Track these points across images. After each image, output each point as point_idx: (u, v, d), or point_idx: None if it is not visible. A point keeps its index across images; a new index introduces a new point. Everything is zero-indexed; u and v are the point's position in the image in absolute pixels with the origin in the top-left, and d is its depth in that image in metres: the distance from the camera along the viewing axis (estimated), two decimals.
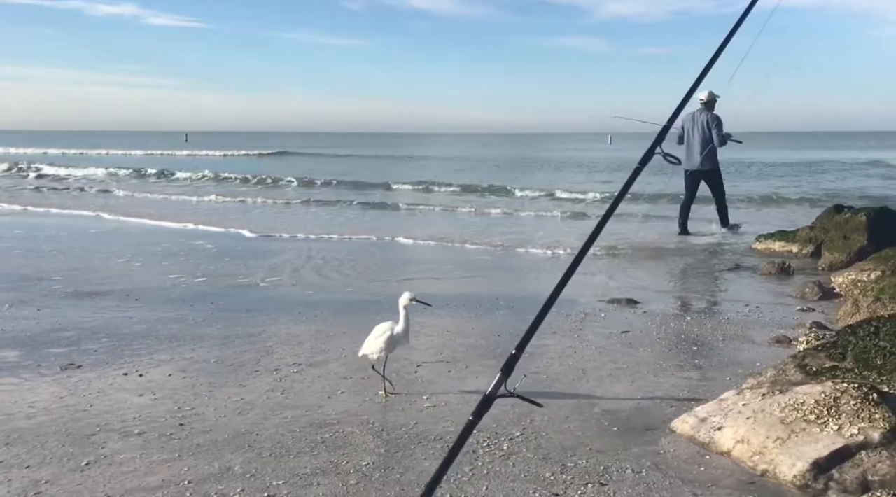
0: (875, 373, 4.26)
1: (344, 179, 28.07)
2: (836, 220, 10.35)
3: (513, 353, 1.33)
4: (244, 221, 15.38)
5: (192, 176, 31.41)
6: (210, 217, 16.37)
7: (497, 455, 3.96)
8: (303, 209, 19.35)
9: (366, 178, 29.01)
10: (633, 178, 1.80)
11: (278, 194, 23.50)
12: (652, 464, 3.83)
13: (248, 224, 14.81)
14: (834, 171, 32.73)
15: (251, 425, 4.36)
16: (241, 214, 17.52)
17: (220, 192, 24.10)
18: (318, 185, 27.06)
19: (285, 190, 26.02)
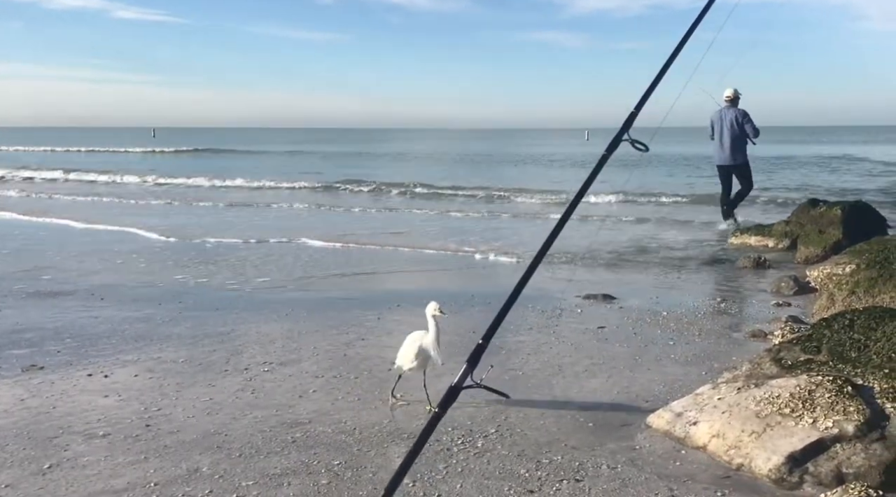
0: (849, 365, 4.31)
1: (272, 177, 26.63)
2: (812, 215, 10.49)
3: (479, 343, 1.32)
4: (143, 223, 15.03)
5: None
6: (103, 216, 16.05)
7: (472, 452, 3.96)
8: (231, 211, 19.21)
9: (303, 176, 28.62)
10: (600, 165, 1.80)
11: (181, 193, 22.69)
12: (627, 459, 3.86)
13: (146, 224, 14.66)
14: (808, 165, 33.17)
15: (220, 426, 4.32)
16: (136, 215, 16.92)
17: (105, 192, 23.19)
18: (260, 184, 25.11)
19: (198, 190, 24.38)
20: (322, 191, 23.25)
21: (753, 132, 12.05)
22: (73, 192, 22.67)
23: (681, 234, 12.71)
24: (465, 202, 19.13)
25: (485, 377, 1.33)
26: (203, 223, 15.00)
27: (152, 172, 29.88)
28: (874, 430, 3.77)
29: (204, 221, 15.37)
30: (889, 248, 7.06)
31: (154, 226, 14.05)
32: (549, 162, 39.25)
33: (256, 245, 11.82)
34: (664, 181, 23.89)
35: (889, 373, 4.12)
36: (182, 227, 14.03)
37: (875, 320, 4.64)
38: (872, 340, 4.47)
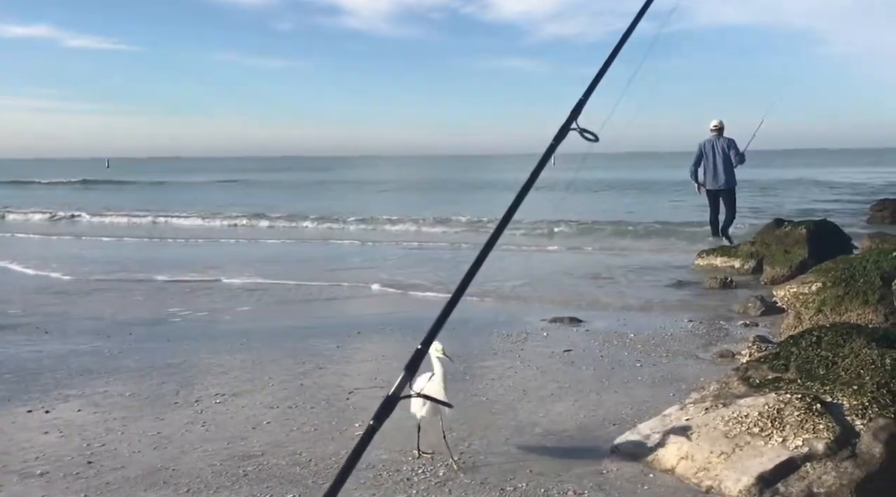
0: (818, 383, 4.30)
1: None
2: (777, 234, 10.63)
3: (418, 349, 1.25)
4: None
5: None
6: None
7: (433, 482, 3.87)
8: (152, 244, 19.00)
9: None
10: (547, 155, 1.75)
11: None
12: (595, 484, 3.79)
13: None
14: (769, 188, 33.79)
15: (168, 460, 4.16)
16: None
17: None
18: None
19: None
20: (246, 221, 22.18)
21: (739, 159, 13.38)
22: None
23: (645, 256, 12.81)
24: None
25: (425, 387, 1.25)
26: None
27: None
28: (844, 448, 3.75)
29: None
30: (855, 266, 7.14)
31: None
32: (506, 188, 39.44)
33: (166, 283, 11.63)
34: (615, 207, 24.15)
35: (858, 389, 4.12)
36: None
37: (842, 337, 4.66)
38: (840, 357, 4.47)
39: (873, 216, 17.05)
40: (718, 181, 13.42)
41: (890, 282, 6.57)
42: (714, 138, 13.46)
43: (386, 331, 7.39)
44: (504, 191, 35.72)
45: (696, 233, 15.29)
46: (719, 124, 13.53)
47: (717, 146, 13.39)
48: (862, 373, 4.27)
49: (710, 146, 13.45)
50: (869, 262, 6.99)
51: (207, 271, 11.76)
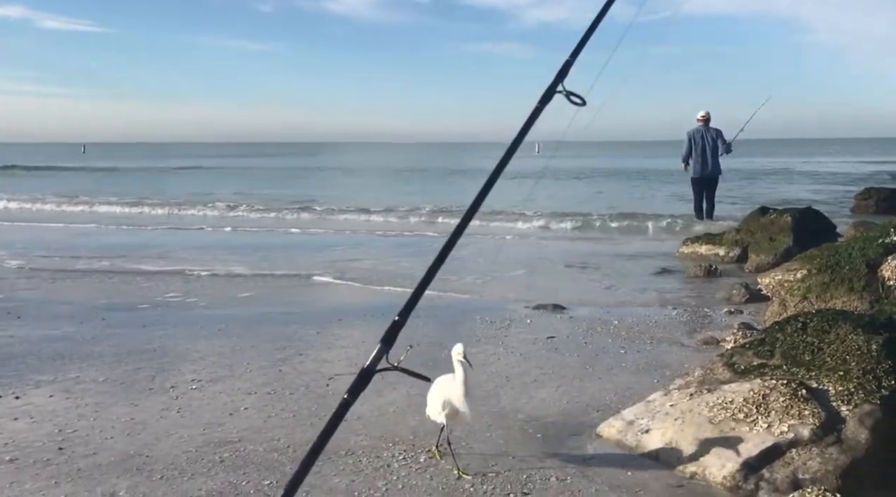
0: (803, 369, 4.30)
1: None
2: (762, 222, 10.66)
3: (395, 320, 1.20)
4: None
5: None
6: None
7: (413, 468, 3.83)
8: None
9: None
10: (532, 118, 1.69)
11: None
12: (577, 470, 3.77)
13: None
14: (752, 178, 33.96)
15: (141, 447, 4.10)
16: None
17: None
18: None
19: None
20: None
21: (726, 148, 14.17)
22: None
23: (629, 244, 12.82)
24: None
25: (402, 359, 1.20)
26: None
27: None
28: (830, 433, 3.75)
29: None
30: (840, 253, 7.17)
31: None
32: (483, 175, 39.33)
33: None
34: (592, 196, 24.17)
35: (844, 375, 4.12)
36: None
37: (828, 323, 4.65)
38: (826, 343, 4.47)
39: (858, 205, 17.16)
40: (707, 170, 14.16)
41: (875, 269, 6.60)
42: (702, 128, 14.19)
43: (367, 317, 7.34)
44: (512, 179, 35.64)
45: (676, 221, 15.38)
46: (706, 115, 14.25)
47: (707, 136, 14.11)
48: (848, 359, 4.27)
49: (700, 136, 14.15)
50: (854, 249, 7.02)
51: (184, 260, 11.64)
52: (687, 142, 14.20)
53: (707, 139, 14.11)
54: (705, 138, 14.13)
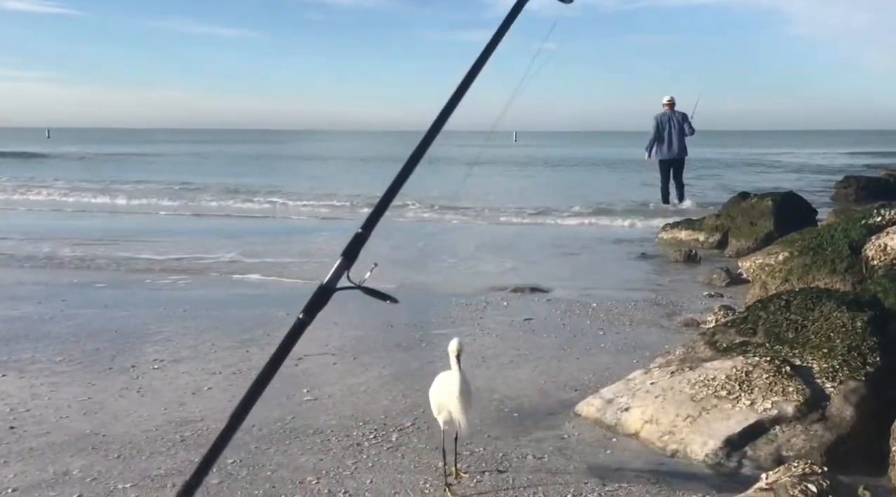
0: (787, 347, 4.26)
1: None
2: (743, 207, 10.66)
3: (358, 233, 1.10)
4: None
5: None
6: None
7: (384, 447, 3.74)
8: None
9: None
10: (510, 18, 1.55)
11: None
12: (555, 449, 3.69)
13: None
14: (731, 167, 34.16)
15: (98, 426, 3.97)
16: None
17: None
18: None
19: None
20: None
21: (690, 130, 15.08)
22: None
23: (607, 230, 12.80)
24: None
25: (367, 278, 1.10)
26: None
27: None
28: (814, 410, 3.71)
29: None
30: (822, 235, 7.16)
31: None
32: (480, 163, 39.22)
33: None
34: (569, 184, 24.17)
35: (828, 352, 4.08)
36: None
37: (812, 300, 4.61)
38: (810, 320, 4.43)
39: (838, 193, 17.29)
40: (673, 151, 15.00)
41: (858, 251, 6.59)
42: (668, 112, 15.06)
43: (339, 299, 7.20)
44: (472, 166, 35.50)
45: (652, 209, 15.45)
46: (671, 100, 15.15)
47: (673, 119, 14.97)
48: (832, 336, 4.23)
49: (667, 119, 15.00)
50: (837, 230, 7.01)
51: (149, 244, 11.43)
52: (655, 126, 14.96)
53: (673, 122, 14.95)
54: (671, 121, 14.96)
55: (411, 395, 4.49)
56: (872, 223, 6.78)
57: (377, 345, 5.63)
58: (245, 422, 4.07)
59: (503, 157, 43.18)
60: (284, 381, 4.74)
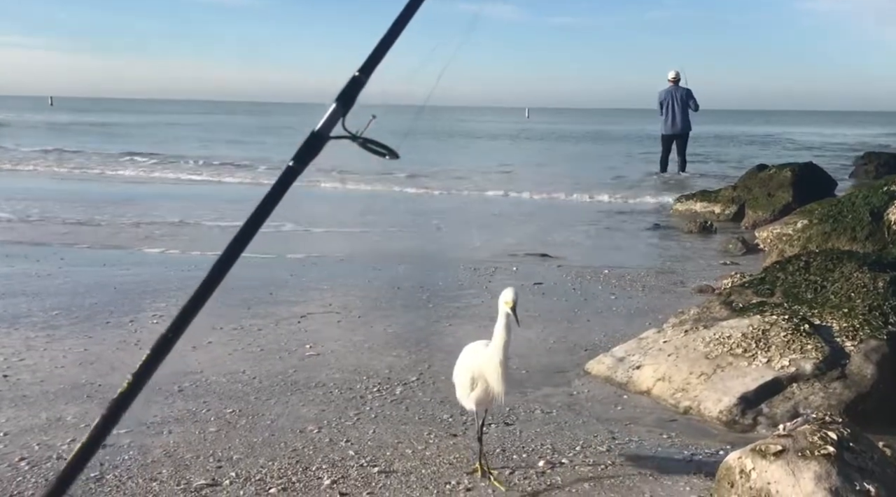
0: (805, 307, 4.19)
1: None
2: (761, 178, 10.54)
3: (355, 76, 1.02)
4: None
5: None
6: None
7: (388, 400, 3.70)
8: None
9: None
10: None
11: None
12: (564, 404, 3.65)
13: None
14: (746, 144, 33.85)
15: (93, 376, 3.94)
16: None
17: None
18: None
19: None
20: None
21: (695, 106, 15.45)
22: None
23: (620, 201, 12.70)
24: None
25: (366, 131, 1.04)
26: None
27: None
28: (833, 368, 3.65)
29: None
30: (843, 203, 7.06)
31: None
32: (490, 137, 39.08)
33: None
34: (580, 158, 24.02)
35: (849, 312, 4.02)
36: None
37: (833, 261, 4.55)
38: (830, 281, 4.37)
39: (858, 169, 17.09)
40: (676, 127, 15.46)
41: (880, 217, 6.49)
42: (672, 88, 15.42)
43: (344, 262, 7.18)
44: (477, 140, 35.34)
45: (661, 182, 15.45)
46: (676, 75, 15.47)
47: (676, 95, 15.34)
48: (853, 296, 4.16)
49: (669, 95, 15.39)
50: (858, 197, 6.91)
51: (168, 208, 11.39)
52: (659, 101, 15.48)
53: (676, 98, 15.33)
54: (674, 97, 15.34)
55: (417, 351, 4.45)
56: (895, 189, 6.68)
57: (383, 304, 5.59)
58: (244, 375, 4.07)
59: (514, 132, 42.99)
60: (286, 337, 4.71)
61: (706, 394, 3.62)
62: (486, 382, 2.78)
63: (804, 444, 2.49)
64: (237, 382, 3.90)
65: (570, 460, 3.06)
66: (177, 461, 3.01)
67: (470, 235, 9.13)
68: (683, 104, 15.34)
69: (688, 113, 15.42)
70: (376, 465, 2.98)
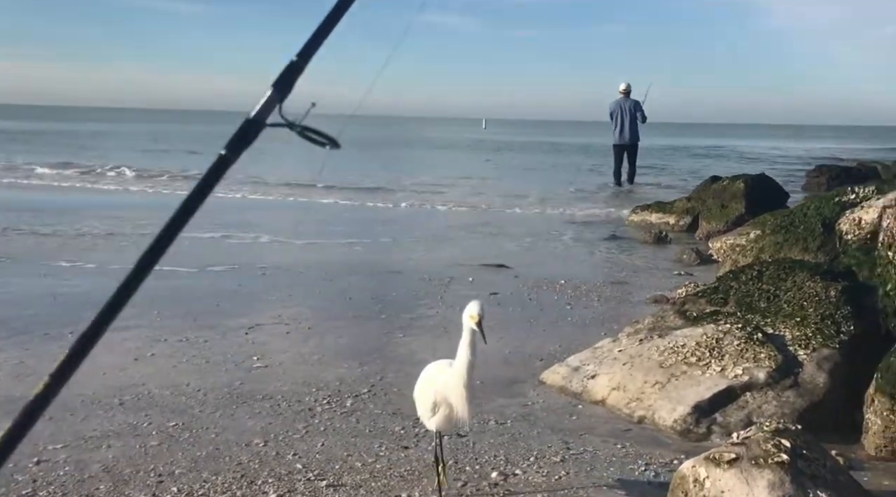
0: (759, 316, 4.24)
1: None
2: (714, 189, 10.70)
3: (292, 61, 0.99)
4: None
5: None
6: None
7: (338, 412, 3.64)
8: None
9: None
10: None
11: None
12: (518, 415, 3.63)
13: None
14: (699, 157, 34.40)
15: (29, 389, 3.77)
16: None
17: None
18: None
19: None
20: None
21: (642, 117, 15.97)
22: None
23: (576, 211, 12.80)
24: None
25: (304, 119, 0.99)
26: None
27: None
28: (787, 377, 3.69)
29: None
30: (795, 214, 7.18)
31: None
32: (447, 148, 39.14)
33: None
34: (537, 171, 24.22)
35: (801, 321, 4.07)
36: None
37: (785, 271, 4.61)
38: (783, 290, 4.42)
39: (809, 182, 17.47)
40: (625, 137, 15.91)
41: (831, 228, 6.60)
42: (623, 100, 15.91)
43: (295, 273, 7.09)
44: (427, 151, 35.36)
45: (616, 193, 15.70)
46: (627, 87, 15.98)
47: (625, 107, 15.85)
48: (805, 305, 4.22)
49: (619, 106, 15.90)
50: (810, 208, 7.04)
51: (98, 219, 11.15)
52: (609, 112, 15.99)
53: (626, 109, 15.85)
54: (624, 108, 15.85)
55: (369, 363, 4.40)
56: (846, 200, 6.81)
57: (334, 316, 5.53)
58: (188, 387, 3.98)
59: (473, 143, 43.17)
60: (232, 348, 4.63)
61: (660, 403, 3.64)
62: (449, 406, 2.61)
63: (758, 452, 2.50)
64: (181, 395, 3.81)
65: (524, 471, 3.04)
66: (115, 476, 2.92)
67: (425, 246, 9.10)
68: (632, 115, 15.87)
69: (636, 124, 15.90)
70: (324, 479, 2.93)
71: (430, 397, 2.66)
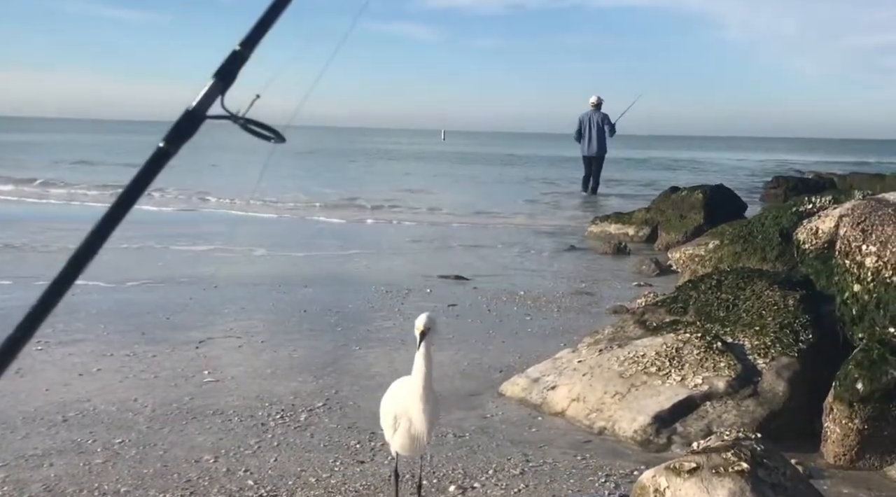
0: (718, 325, 4.28)
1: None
2: (673, 199, 10.83)
3: (236, 50, 0.96)
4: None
5: None
6: None
7: (292, 427, 3.59)
8: None
9: None
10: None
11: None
12: (477, 428, 3.62)
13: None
14: (658, 169, 34.94)
15: None
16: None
17: None
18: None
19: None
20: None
21: (611, 130, 16.52)
22: None
23: (535, 223, 12.86)
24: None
25: (248, 110, 0.97)
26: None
27: None
28: (746, 386, 3.73)
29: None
30: (753, 224, 7.31)
31: None
32: (406, 159, 39.12)
33: None
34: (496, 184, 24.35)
35: (760, 330, 4.12)
36: None
37: (744, 280, 4.67)
38: (741, 299, 4.48)
39: (767, 193, 17.77)
40: (592, 149, 16.49)
41: (789, 238, 6.72)
42: (592, 112, 16.46)
43: (248, 286, 7.01)
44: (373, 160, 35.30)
45: (575, 204, 15.89)
46: (597, 100, 16.54)
47: (594, 119, 16.38)
48: (764, 314, 4.28)
49: (588, 119, 16.43)
50: (768, 218, 7.16)
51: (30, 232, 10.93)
52: (578, 124, 16.45)
53: (595, 122, 16.37)
54: (593, 121, 16.38)
55: (324, 376, 4.36)
56: (803, 210, 6.95)
57: (288, 328, 5.47)
58: (136, 403, 3.90)
59: (432, 155, 43.22)
60: (182, 363, 4.55)
61: (621, 414, 3.65)
62: (409, 420, 2.56)
63: (718, 461, 2.52)
64: (128, 411, 3.73)
65: (483, 484, 3.03)
66: (57, 496, 2.84)
67: (382, 258, 9.06)
68: (599, 128, 16.36)
69: (604, 136, 16.37)
70: (277, 495, 2.88)
71: (392, 411, 2.63)
